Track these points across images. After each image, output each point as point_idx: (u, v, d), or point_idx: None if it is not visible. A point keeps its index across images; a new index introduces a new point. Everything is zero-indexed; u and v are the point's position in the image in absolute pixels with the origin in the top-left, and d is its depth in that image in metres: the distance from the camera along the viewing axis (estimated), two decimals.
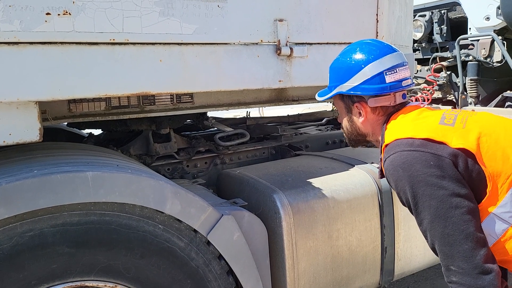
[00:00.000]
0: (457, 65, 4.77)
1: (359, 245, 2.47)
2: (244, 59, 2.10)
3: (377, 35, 2.53)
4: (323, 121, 4.07)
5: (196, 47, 1.95)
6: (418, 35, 5.17)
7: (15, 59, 1.56)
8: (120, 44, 1.76)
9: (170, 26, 1.86)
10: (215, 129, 3.24)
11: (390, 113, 1.79)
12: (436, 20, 5.09)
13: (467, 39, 4.79)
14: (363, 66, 1.74)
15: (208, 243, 1.92)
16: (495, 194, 1.52)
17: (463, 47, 4.84)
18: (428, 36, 5.25)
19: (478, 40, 4.71)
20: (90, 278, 1.68)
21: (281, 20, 2.17)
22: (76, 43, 1.67)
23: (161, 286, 1.81)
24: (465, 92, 4.82)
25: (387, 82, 1.73)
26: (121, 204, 1.71)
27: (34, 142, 1.70)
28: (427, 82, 5.19)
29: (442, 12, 5.06)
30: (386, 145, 1.68)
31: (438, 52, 5.16)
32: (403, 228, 2.62)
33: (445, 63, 5.05)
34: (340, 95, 1.85)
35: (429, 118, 1.68)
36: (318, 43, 2.34)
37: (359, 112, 1.82)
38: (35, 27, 1.58)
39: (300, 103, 2.87)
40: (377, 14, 2.51)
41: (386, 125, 1.76)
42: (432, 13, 5.13)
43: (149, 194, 1.73)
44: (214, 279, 1.93)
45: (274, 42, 2.18)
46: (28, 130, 1.67)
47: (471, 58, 4.77)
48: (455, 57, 4.81)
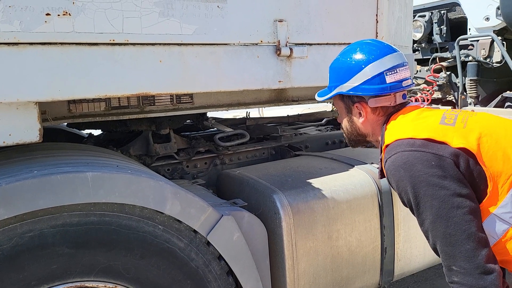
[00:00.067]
0: (457, 66, 4.77)
1: (359, 246, 2.46)
2: (244, 60, 2.10)
3: (377, 36, 2.53)
4: (323, 122, 4.07)
5: (196, 48, 1.95)
6: (418, 36, 5.16)
7: (15, 60, 1.56)
8: (120, 45, 1.76)
9: (170, 27, 1.86)
10: (215, 130, 3.23)
11: (390, 114, 1.78)
12: (436, 21, 5.09)
13: (467, 40, 4.79)
14: (364, 66, 1.74)
15: (208, 244, 1.91)
16: (496, 195, 1.52)
17: (463, 48, 4.84)
18: (428, 37, 5.25)
19: (478, 41, 4.71)
20: (90, 279, 1.68)
21: (281, 21, 2.17)
22: (76, 44, 1.67)
23: (161, 287, 1.81)
24: (465, 93, 4.82)
25: (388, 83, 1.73)
26: (121, 205, 1.71)
27: (34, 143, 1.70)
28: (427, 83, 5.18)
29: (442, 13, 5.06)
30: (387, 146, 1.68)
31: (438, 53, 5.16)
32: (403, 229, 2.62)
33: (445, 64, 5.05)
34: (340, 96, 1.85)
35: (430, 118, 1.67)
36: (318, 44, 2.34)
37: (359, 113, 1.82)
38: (35, 28, 1.58)
39: (300, 104, 2.87)
40: (377, 15, 2.52)
41: (386, 126, 1.76)
42: (432, 14, 5.13)
43: (149, 195, 1.73)
44: (214, 280, 1.93)
45: (274, 43, 2.18)
46: (28, 131, 1.67)
47: (471, 59, 4.77)
48: (455, 58, 4.81)
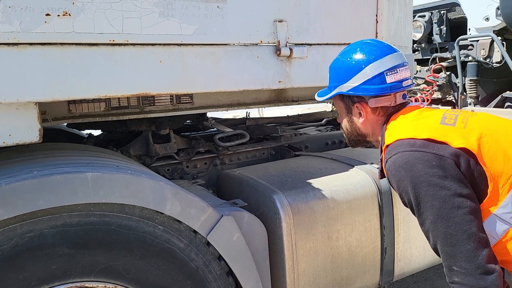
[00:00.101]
0: (457, 66, 4.77)
1: (359, 246, 2.46)
2: (244, 60, 2.09)
3: (377, 36, 2.53)
4: (323, 122, 4.07)
5: (196, 48, 1.95)
6: (418, 36, 5.17)
7: (15, 60, 1.56)
8: (120, 45, 1.76)
9: (170, 27, 1.86)
10: (215, 130, 3.23)
11: (390, 114, 1.78)
12: (436, 21, 5.09)
13: (467, 40, 4.80)
14: (364, 66, 1.73)
15: (208, 244, 1.91)
16: (496, 195, 1.52)
17: (463, 48, 4.85)
18: (428, 37, 5.25)
19: (478, 41, 4.71)
20: (90, 279, 1.67)
21: (281, 21, 2.17)
22: (76, 44, 1.67)
23: (161, 287, 1.81)
24: (465, 93, 4.82)
25: (388, 83, 1.72)
26: (121, 205, 1.70)
27: (34, 143, 1.69)
28: (427, 83, 5.19)
29: (442, 13, 5.06)
30: (387, 146, 1.68)
31: (438, 53, 5.16)
32: (403, 229, 2.62)
33: (445, 64, 5.06)
34: (340, 95, 1.85)
35: (430, 118, 1.67)
36: (318, 44, 2.34)
37: (359, 113, 1.82)
38: (35, 28, 1.57)
39: (300, 104, 2.87)
40: (377, 15, 2.52)
41: (386, 126, 1.76)
42: (432, 14, 5.13)
43: (149, 195, 1.73)
44: (214, 280, 1.93)
45: (274, 43, 2.18)
46: (28, 131, 1.67)
47: (471, 59, 4.77)
48: (455, 58, 4.81)
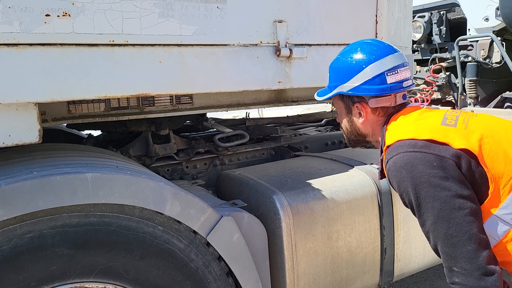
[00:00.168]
0: (456, 66, 4.77)
1: (359, 246, 2.46)
2: (244, 60, 2.09)
3: (376, 36, 2.53)
4: (323, 122, 4.07)
5: (196, 48, 1.95)
6: (417, 36, 5.17)
7: (15, 61, 1.56)
8: (120, 46, 1.76)
9: (170, 28, 1.86)
10: (215, 130, 3.23)
11: (390, 114, 1.78)
12: (435, 21, 5.09)
13: (466, 40, 4.80)
14: (365, 66, 1.73)
15: (208, 244, 1.91)
16: (497, 196, 1.52)
17: (462, 48, 4.85)
18: (427, 37, 5.25)
19: (477, 41, 4.71)
20: (90, 280, 1.67)
21: (281, 21, 2.17)
22: (76, 45, 1.67)
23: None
24: (464, 93, 4.82)
25: (388, 83, 1.72)
26: (121, 206, 1.70)
27: (34, 144, 1.69)
28: (426, 83, 5.18)
29: (441, 13, 5.06)
30: (388, 146, 1.68)
31: (437, 53, 5.16)
32: (403, 229, 2.62)
33: (444, 64, 5.06)
34: (340, 95, 1.85)
35: (431, 119, 1.67)
36: (318, 44, 2.34)
37: (359, 113, 1.82)
38: (35, 29, 1.57)
39: (300, 104, 2.87)
40: (377, 15, 2.52)
41: (387, 126, 1.76)
42: (431, 14, 5.13)
43: (149, 196, 1.73)
44: (214, 280, 1.93)
45: (274, 43, 2.18)
46: (28, 132, 1.67)
47: (470, 59, 4.77)
48: (454, 58, 4.81)
